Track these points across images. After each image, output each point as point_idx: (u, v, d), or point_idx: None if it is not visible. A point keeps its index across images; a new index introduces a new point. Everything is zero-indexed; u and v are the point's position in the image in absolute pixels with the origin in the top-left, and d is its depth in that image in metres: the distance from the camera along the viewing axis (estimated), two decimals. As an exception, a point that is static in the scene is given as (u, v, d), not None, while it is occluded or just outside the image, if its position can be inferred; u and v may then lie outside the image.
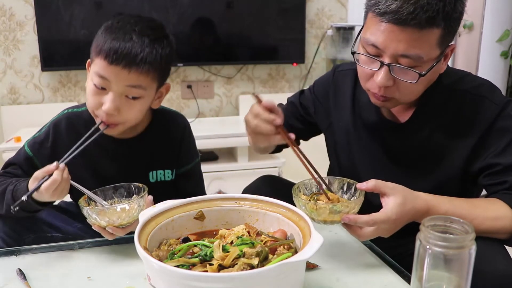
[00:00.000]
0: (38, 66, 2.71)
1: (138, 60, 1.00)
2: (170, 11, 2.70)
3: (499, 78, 2.81)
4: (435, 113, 1.04)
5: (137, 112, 1.07)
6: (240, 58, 2.94)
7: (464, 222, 0.69)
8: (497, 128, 0.98)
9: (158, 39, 1.05)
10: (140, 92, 1.04)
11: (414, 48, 0.90)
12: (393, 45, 0.91)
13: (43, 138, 1.14)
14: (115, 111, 1.02)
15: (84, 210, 0.94)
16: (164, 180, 1.20)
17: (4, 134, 2.71)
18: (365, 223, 0.87)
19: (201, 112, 2.96)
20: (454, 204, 0.93)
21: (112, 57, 0.99)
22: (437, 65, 0.96)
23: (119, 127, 1.07)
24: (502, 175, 0.96)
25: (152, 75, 1.04)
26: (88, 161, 1.14)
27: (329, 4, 3.02)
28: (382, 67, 0.94)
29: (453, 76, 1.05)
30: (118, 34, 1.01)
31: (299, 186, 0.97)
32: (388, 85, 0.95)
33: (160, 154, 1.19)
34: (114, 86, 1.01)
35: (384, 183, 0.90)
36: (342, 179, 0.98)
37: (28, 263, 0.96)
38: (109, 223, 0.93)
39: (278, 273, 0.67)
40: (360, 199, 0.91)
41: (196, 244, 0.80)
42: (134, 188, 1.01)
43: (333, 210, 0.88)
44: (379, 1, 0.90)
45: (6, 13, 2.64)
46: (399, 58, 0.92)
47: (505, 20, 2.70)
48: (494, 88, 1.04)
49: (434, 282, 0.69)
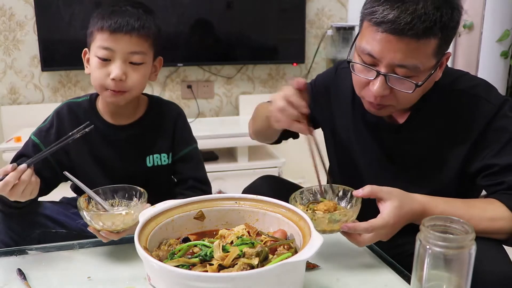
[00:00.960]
0: (38, 66, 2.71)
1: (137, 26, 1.09)
2: (170, 11, 2.70)
3: (499, 78, 2.81)
4: (432, 114, 1.04)
5: (141, 77, 1.14)
6: (240, 58, 2.94)
7: (464, 222, 0.69)
8: (493, 128, 0.98)
9: (149, 11, 1.16)
10: (142, 57, 1.12)
11: (411, 58, 0.90)
12: (389, 55, 0.90)
13: (48, 126, 1.20)
14: (122, 76, 1.09)
15: (80, 211, 0.94)
16: (161, 165, 1.24)
17: (4, 134, 2.71)
18: (364, 230, 0.87)
19: (201, 112, 2.96)
20: (450, 205, 0.93)
21: (113, 26, 1.08)
22: (433, 74, 0.95)
23: (126, 95, 1.13)
24: (500, 175, 0.96)
25: (149, 42, 1.13)
26: (90, 148, 1.20)
27: (329, 4, 3.02)
28: (378, 76, 0.93)
29: (450, 76, 1.05)
30: (114, 9, 1.11)
31: (295, 196, 0.97)
32: (384, 94, 0.95)
33: (156, 139, 1.24)
34: (118, 54, 1.09)
35: (380, 188, 0.90)
36: (337, 186, 0.99)
37: (28, 263, 0.96)
38: (103, 227, 0.93)
39: (278, 273, 0.67)
40: (357, 207, 0.91)
41: (196, 244, 0.80)
42: (135, 192, 1.01)
43: (331, 219, 0.88)
44: (376, 11, 0.89)
45: (6, 13, 2.64)
46: (396, 68, 0.92)
47: (505, 20, 2.70)
48: (490, 87, 1.03)
49: (434, 282, 0.69)
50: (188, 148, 1.27)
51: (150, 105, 1.25)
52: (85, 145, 1.19)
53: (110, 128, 1.20)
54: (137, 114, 1.23)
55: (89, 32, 1.15)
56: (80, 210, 0.94)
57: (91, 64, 1.14)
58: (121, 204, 1.01)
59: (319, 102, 1.24)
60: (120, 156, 1.21)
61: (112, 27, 1.08)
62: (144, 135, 1.23)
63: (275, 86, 3.08)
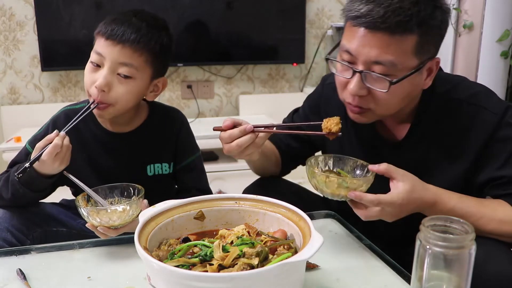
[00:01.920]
0: (38, 66, 2.71)
1: (132, 38, 1.05)
2: (170, 11, 2.70)
3: (499, 78, 2.81)
4: (431, 127, 1.02)
5: (128, 93, 1.08)
6: (240, 58, 2.94)
7: (464, 222, 0.69)
8: (497, 139, 0.96)
9: (156, 27, 1.10)
10: (131, 71, 1.06)
11: (386, 54, 0.88)
12: (365, 50, 0.89)
13: (43, 134, 1.16)
14: (105, 87, 1.05)
15: (78, 208, 0.95)
16: (162, 174, 1.22)
17: (4, 134, 2.71)
18: (370, 202, 0.88)
19: (201, 112, 2.96)
20: (463, 200, 0.92)
21: (109, 33, 1.05)
22: (416, 78, 0.93)
23: (110, 109, 1.08)
24: (509, 186, 0.95)
25: (145, 58, 1.07)
26: (88, 156, 1.17)
27: (329, 4, 3.02)
28: (355, 74, 0.93)
29: (447, 84, 1.02)
30: (118, 16, 1.08)
31: (315, 159, 1.00)
32: (362, 94, 0.94)
33: (157, 148, 1.21)
34: (107, 62, 1.05)
35: (396, 169, 0.90)
36: (356, 160, 1.00)
37: (28, 263, 0.96)
38: (100, 223, 0.93)
39: (278, 273, 0.67)
40: (369, 179, 0.92)
41: (196, 244, 0.80)
42: (133, 189, 1.02)
43: (341, 184, 0.90)
44: (352, 6, 0.90)
45: (6, 13, 2.64)
46: (372, 65, 0.91)
47: (505, 20, 2.70)
48: (490, 94, 1.01)
49: (434, 282, 0.69)
50: (191, 157, 1.25)
51: (151, 112, 1.22)
52: (83, 153, 1.16)
53: (109, 136, 1.18)
54: (137, 122, 1.20)
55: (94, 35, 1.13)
56: (79, 207, 0.94)
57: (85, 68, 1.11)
58: (120, 201, 1.02)
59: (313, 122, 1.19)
60: (119, 165, 1.18)
61: (107, 33, 1.05)
62: (145, 143, 1.20)
63: (275, 86, 3.08)
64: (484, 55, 2.76)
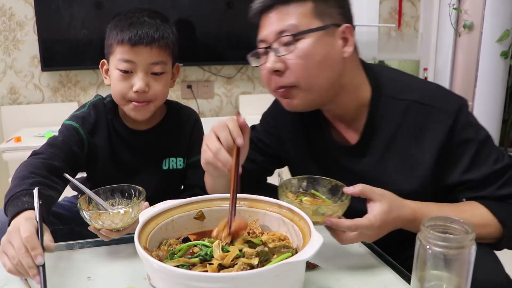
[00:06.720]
0: (38, 66, 2.71)
1: (157, 37, 1.11)
2: (170, 11, 2.70)
3: (499, 78, 2.81)
4: (384, 130, 0.99)
5: (164, 87, 1.16)
6: (240, 58, 2.92)
7: (464, 222, 0.69)
8: (457, 142, 0.94)
9: (166, 20, 1.17)
10: (163, 67, 1.14)
11: (288, 21, 0.94)
12: (272, 28, 0.96)
13: (86, 113, 1.21)
14: (146, 88, 1.12)
15: (80, 211, 0.94)
16: (176, 168, 1.28)
17: (4, 134, 2.72)
18: (347, 228, 0.86)
19: (201, 112, 2.96)
20: (441, 209, 0.91)
21: (134, 39, 1.09)
22: (327, 40, 0.94)
23: (150, 106, 1.16)
24: (479, 189, 0.95)
25: (169, 51, 1.15)
26: (112, 151, 1.23)
27: (329, 4, 3.02)
28: (269, 53, 0.97)
29: (395, 84, 1.00)
30: (132, 20, 1.12)
31: (286, 183, 0.96)
32: (279, 68, 0.95)
33: (172, 144, 1.27)
34: (140, 66, 1.11)
35: (371, 189, 0.87)
36: (331, 181, 0.96)
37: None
38: (103, 226, 0.93)
39: (278, 273, 0.67)
40: (345, 203, 0.89)
41: (196, 244, 0.80)
42: (134, 191, 1.01)
43: (316, 211, 0.87)
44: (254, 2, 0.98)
45: (6, 13, 2.64)
46: (280, 38, 0.95)
47: (505, 20, 2.71)
48: (442, 93, 0.98)
49: (434, 282, 0.69)
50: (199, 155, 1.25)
51: (169, 111, 1.28)
52: (109, 148, 1.22)
53: (129, 133, 1.24)
54: (155, 120, 1.26)
55: (108, 44, 1.15)
56: (81, 210, 0.94)
57: (111, 77, 1.15)
58: (121, 203, 1.01)
59: (272, 137, 1.18)
60: (138, 159, 1.24)
61: (133, 39, 1.09)
62: (162, 140, 1.26)
63: (275, 86, 3.08)
64: (484, 55, 2.76)
